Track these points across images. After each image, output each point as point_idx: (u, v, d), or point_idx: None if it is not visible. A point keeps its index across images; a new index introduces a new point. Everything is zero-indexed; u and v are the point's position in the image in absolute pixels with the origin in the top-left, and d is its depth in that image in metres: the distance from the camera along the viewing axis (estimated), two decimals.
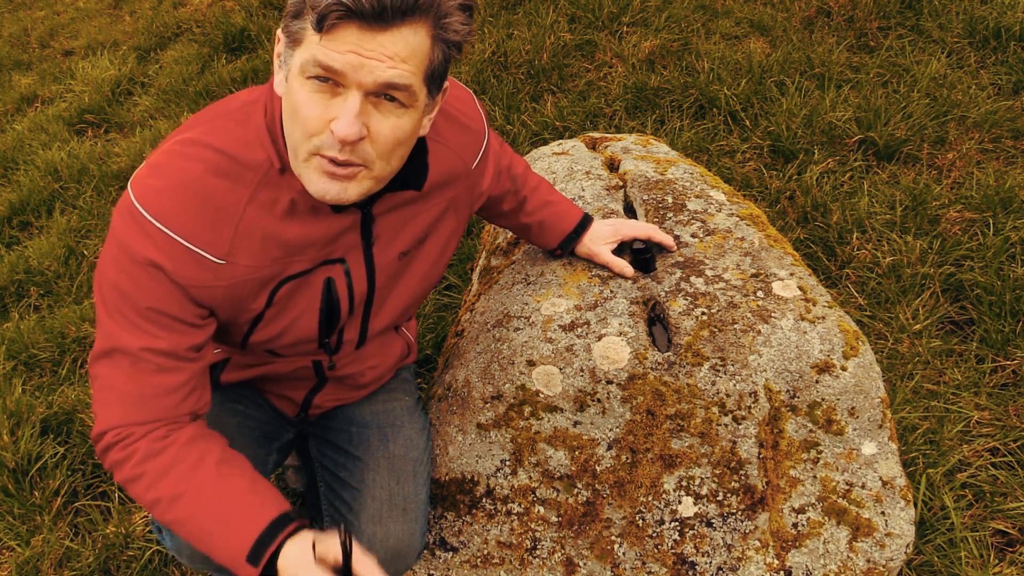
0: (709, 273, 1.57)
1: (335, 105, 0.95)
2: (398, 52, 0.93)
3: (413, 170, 1.14)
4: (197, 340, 1.11)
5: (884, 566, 1.48)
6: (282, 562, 1.06)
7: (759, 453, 1.43)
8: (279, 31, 1.01)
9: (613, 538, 1.45)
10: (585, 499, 1.45)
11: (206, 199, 1.04)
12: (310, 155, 0.99)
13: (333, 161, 0.98)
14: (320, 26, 0.90)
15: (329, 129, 0.96)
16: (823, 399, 1.46)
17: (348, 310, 1.24)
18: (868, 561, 1.47)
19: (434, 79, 1.01)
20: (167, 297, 1.05)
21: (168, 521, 1.09)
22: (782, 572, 1.45)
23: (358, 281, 1.22)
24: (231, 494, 1.09)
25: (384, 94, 0.96)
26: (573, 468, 1.44)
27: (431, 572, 1.54)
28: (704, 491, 1.42)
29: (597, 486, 1.44)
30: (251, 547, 1.06)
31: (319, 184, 1.00)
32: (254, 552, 1.07)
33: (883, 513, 1.48)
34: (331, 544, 1.07)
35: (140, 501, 1.10)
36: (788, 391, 1.45)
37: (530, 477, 1.47)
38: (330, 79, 0.94)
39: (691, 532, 1.43)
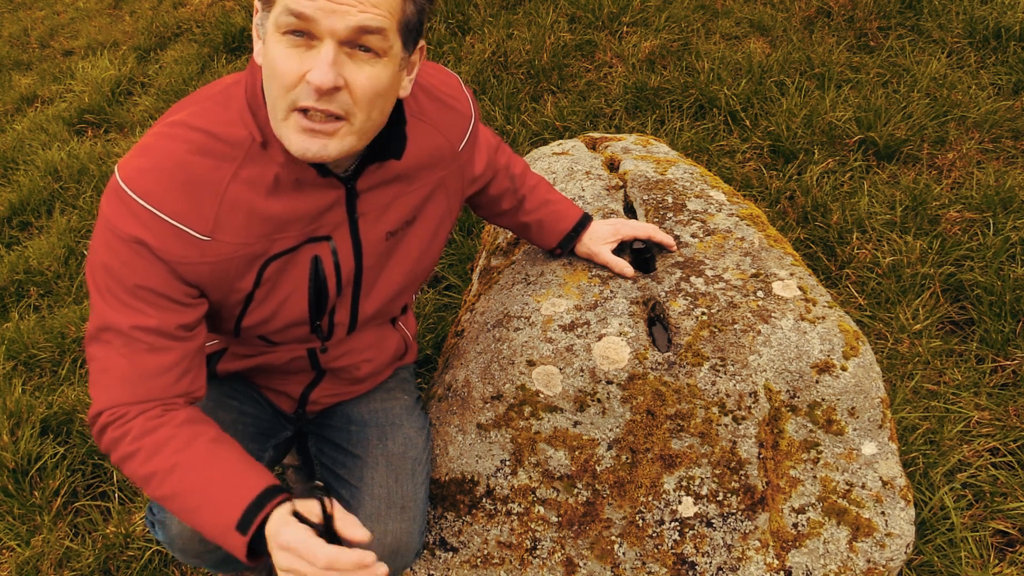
0: (709, 273, 1.57)
1: (310, 57, 0.97)
2: None
3: (392, 139, 1.15)
4: (186, 319, 1.11)
5: (884, 566, 1.48)
6: (268, 527, 1.06)
7: (759, 453, 1.43)
8: (256, 0, 1.02)
9: (613, 538, 1.45)
10: (585, 499, 1.45)
11: (189, 177, 1.06)
12: (288, 112, 1.00)
13: (308, 113, 0.99)
14: None
15: (305, 80, 0.97)
16: (823, 399, 1.46)
17: (336, 289, 1.25)
18: (868, 561, 1.47)
19: (409, 31, 1.03)
20: (153, 274, 1.06)
21: (161, 496, 1.10)
22: (782, 572, 1.45)
23: (345, 259, 1.22)
24: (222, 467, 1.10)
25: (359, 45, 0.98)
26: (573, 468, 1.44)
27: (431, 572, 1.54)
28: (704, 491, 1.42)
29: (597, 486, 1.44)
30: (240, 516, 1.06)
31: (298, 142, 1.01)
32: (243, 521, 1.06)
33: (883, 513, 1.48)
34: (313, 506, 1.06)
35: (135, 478, 1.11)
36: (788, 391, 1.45)
37: (530, 477, 1.47)
38: (304, 33, 0.96)
39: (691, 532, 1.43)
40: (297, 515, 1.05)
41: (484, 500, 1.51)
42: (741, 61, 3.32)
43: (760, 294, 1.53)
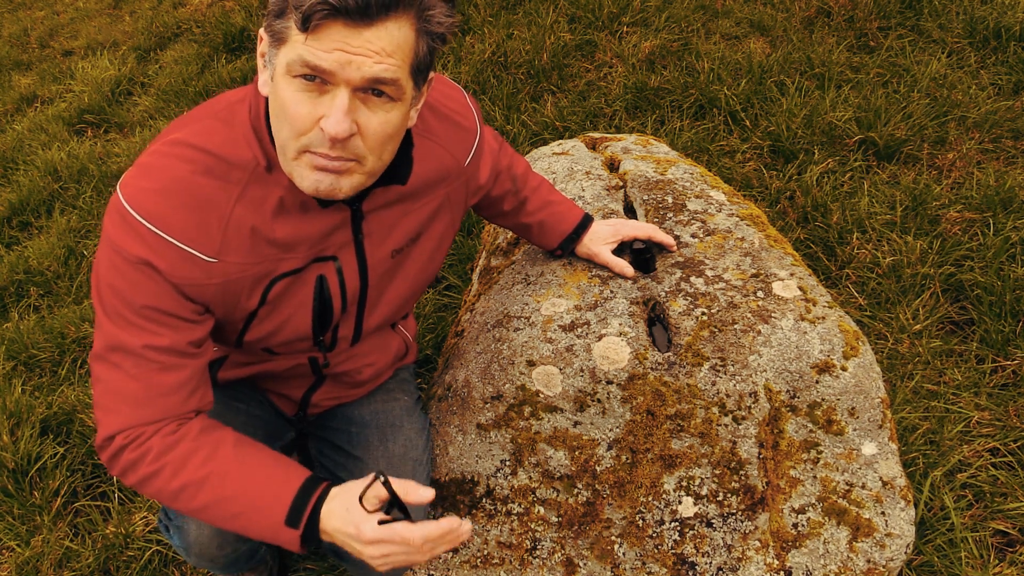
0: (709, 273, 1.57)
1: (323, 103, 0.96)
2: (384, 47, 0.94)
3: (398, 165, 1.14)
4: (197, 335, 1.11)
5: (884, 566, 1.48)
6: (328, 522, 1.07)
7: (759, 453, 1.43)
8: (261, 30, 1.01)
9: (613, 538, 1.45)
10: (585, 499, 1.45)
11: (195, 198, 1.05)
12: (299, 153, 0.99)
13: (324, 156, 0.99)
14: (305, 25, 0.90)
15: (318, 127, 0.96)
16: (823, 399, 1.46)
17: (341, 308, 1.25)
18: (868, 561, 1.47)
19: (420, 71, 1.02)
20: (162, 294, 1.06)
21: (195, 508, 1.09)
22: (782, 572, 1.45)
23: (350, 279, 1.22)
24: (254, 469, 1.10)
25: (372, 89, 0.97)
26: (573, 468, 1.44)
27: (431, 572, 1.54)
28: (704, 491, 1.42)
29: (597, 486, 1.44)
30: (288, 510, 1.07)
31: (311, 179, 1.00)
32: (292, 515, 1.07)
33: (883, 513, 1.48)
34: (371, 490, 1.08)
35: (162, 495, 1.10)
36: (788, 391, 1.45)
37: (530, 477, 1.47)
38: (317, 78, 0.94)
39: (691, 532, 1.43)
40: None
41: (484, 500, 1.50)
42: (741, 61, 3.32)
43: (760, 294, 1.53)
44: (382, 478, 1.06)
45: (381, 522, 1.04)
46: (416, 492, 1.06)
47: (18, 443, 2.15)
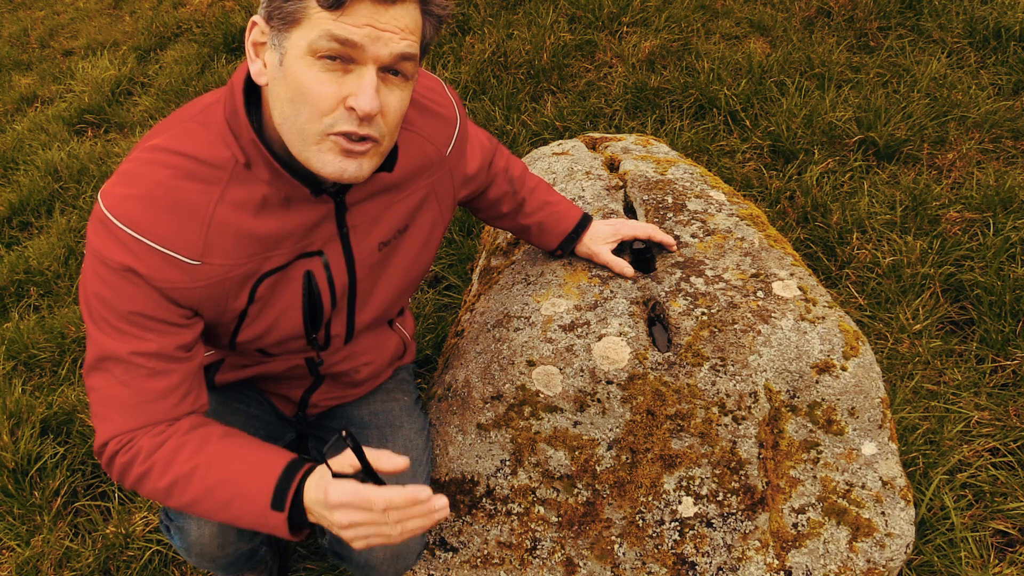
0: (709, 273, 1.57)
1: (348, 82, 0.97)
2: (407, 24, 0.98)
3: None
4: (185, 339, 1.11)
5: (884, 566, 1.48)
6: (307, 495, 1.05)
7: (759, 453, 1.43)
8: (257, 17, 1.01)
9: (613, 538, 1.45)
10: (585, 499, 1.45)
11: (176, 202, 1.05)
12: (322, 137, 0.99)
13: (349, 137, 0.99)
14: (338, 2, 0.92)
15: (343, 107, 0.98)
16: (823, 399, 1.46)
17: (331, 303, 1.24)
18: (868, 561, 1.47)
19: (424, 53, 1.06)
20: (147, 300, 1.06)
21: (187, 503, 1.09)
22: (782, 572, 1.45)
23: (338, 273, 1.22)
24: (240, 457, 1.10)
25: (391, 69, 0.99)
26: (573, 468, 1.44)
27: (431, 572, 1.54)
28: (704, 491, 1.42)
29: (597, 486, 1.44)
30: (272, 495, 1.06)
31: (336, 164, 1.01)
32: (276, 499, 1.06)
33: (883, 513, 1.48)
34: (345, 458, 1.05)
35: (155, 493, 1.10)
36: (788, 391, 1.45)
37: (530, 477, 1.47)
38: (339, 57, 0.96)
39: (691, 532, 1.43)
40: (335, 475, 1.02)
41: (484, 500, 1.51)
42: (741, 61, 3.32)
43: (760, 294, 1.53)
44: (345, 434, 0.99)
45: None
46: (390, 460, 1.01)
47: (18, 443, 2.15)
